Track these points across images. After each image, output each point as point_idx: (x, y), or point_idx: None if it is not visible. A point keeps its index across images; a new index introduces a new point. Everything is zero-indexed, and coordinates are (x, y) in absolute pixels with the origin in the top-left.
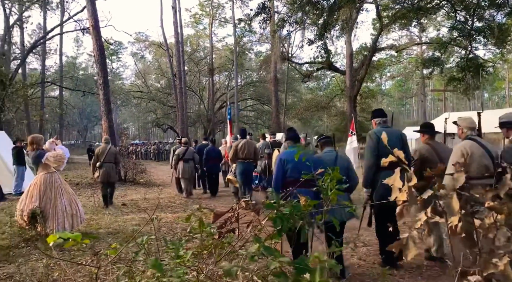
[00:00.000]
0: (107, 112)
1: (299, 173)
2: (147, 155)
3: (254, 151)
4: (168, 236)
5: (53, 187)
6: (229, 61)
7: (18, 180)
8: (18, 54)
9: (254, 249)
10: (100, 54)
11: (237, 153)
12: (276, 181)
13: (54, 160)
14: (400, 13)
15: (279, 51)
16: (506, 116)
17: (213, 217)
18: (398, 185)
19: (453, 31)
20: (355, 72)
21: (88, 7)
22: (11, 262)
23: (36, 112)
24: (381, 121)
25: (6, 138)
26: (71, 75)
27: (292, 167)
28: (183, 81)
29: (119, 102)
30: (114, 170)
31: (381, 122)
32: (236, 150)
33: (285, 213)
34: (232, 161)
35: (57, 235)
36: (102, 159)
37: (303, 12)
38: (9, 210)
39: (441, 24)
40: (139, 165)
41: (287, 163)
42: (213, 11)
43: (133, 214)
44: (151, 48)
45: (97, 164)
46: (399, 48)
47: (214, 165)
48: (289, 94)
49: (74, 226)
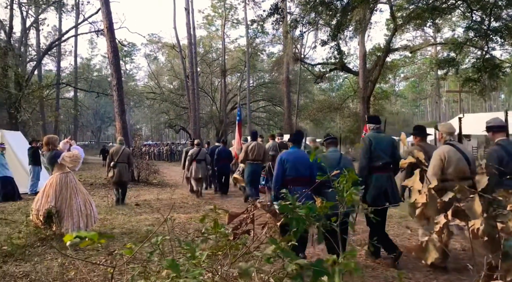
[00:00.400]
0: (121, 113)
1: (296, 171)
2: (160, 156)
3: (264, 152)
4: (181, 236)
5: (68, 186)
6: (242, 63)
7: (33, 179)
8: (34, 56)
9: (270, 251)
10: (114, 55)
11: (247, 154)
12: (276, 178)
13: (70, 160)
14: (414, 13)
15: (292, 52)
16: (493, 120)
17: (228, 218)
18: (417, 187)
19: (469, 31)
20: (368, 73)
21: (103, 9)
22: (27, 260)
23: (51, 113)
24: (374, 127)
25: (22, 139)
26: (86, 76)
27: (290, 166)
28: (196, 83)
29: (133, 104)
30: (127, 170)
31: (374, 128)
32: (247, 151)
33: (301, 215)
34: (242, 161)
35: (74, 234)
36: (116, 159)
37: (316, 13)
38: (25, 209)
39: (457, 24)
40: (152, 165)
41: (286, 162)
42: (225, 13)
43: (146, 214)
44: (164, 50)
45: (111, 163)
46: (413, 48)
47: (225, 165)
48: (302, 95)
49: (88, 225)
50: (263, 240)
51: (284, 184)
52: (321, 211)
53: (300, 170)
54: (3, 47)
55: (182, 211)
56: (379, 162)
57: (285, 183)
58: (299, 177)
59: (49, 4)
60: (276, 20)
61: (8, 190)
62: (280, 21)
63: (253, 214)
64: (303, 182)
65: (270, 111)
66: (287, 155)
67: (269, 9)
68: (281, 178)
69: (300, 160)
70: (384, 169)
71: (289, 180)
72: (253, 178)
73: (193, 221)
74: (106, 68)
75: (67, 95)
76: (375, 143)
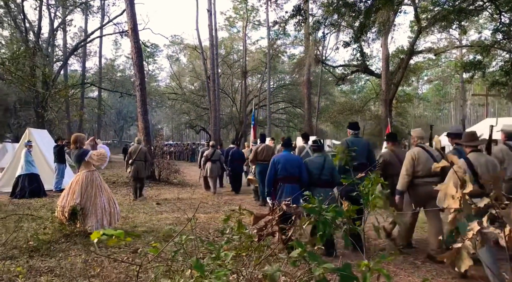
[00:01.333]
0: (143, 113)
1: (286, 171)
2: (181, 156)
3: (272, 153)
4: (202, 236)
5: (94, 184)
6: (262, 64)
7: (58, 177)
8: (61, 56)
9: (296, 254)
10: (138, 56)
11: (257, 155)
12: (268, 176)
13: (97, 159)
14: (440, 15)
15: (313, 54)
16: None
17: (253, 219)
18: (451, 192)
19: (497, 34)
20: (391, 75)
21: (128, 10)
22: (52, 256)
23: (76, 112)
24: (353, 133)
25: (48, 137)
26: (110, 76)
27: (281, 167)
28: (217, 84)
29: (154, 104)
30: (144, 166)
31: (353, 133)
32: (256, 152)
33: (327, 218)
34: (252, 162)
35: (101, 232)
36: (134, 157)
37: (338, 15)
38: (50, 205)
39: (484, 27)
40: (173, 165)
41: (278, 163)
42: (247, 14)
43: (167, 213)
44: (186, 51)
45: (129, 161)
46: (437, 51)
47: (238, 165)
48: (322, 97)
49: (112, 223)
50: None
51: (276, 181)
52: (348, 214)
53: (290, 170)
54: (32, 48)
55: (202, 211)
56: (355, 162)
57: (277, 181)
58: (288, 176)
59: (76, 6)
60: (298, 22)
61: (34, 186)
62: (302, 22)
63: (278, 216)
64: (292, 180)
65: (290, 113)
66: (279, 158)
67: (292, 11)
68: (273, 177)
69: (289, 162)
70: (360, 169)
71: (281, 178)
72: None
73: (213, 221)
74: (130, 69)
75: (91, 95)
76: (352, 145)
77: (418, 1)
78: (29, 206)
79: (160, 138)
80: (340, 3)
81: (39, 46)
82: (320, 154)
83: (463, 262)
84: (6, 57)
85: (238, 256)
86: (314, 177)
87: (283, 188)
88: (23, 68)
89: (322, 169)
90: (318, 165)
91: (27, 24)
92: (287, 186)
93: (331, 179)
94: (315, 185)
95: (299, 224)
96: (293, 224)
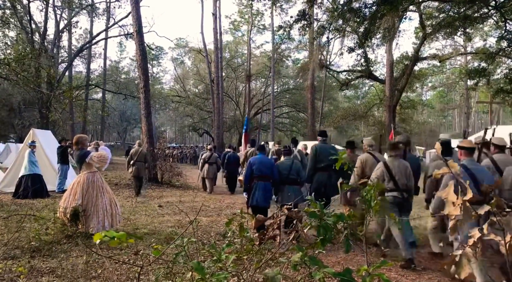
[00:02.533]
0: (147, 115)
1: (260, 171)
2: (183, 159)
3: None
4: (203, 239)
5: (95, 186)
6: (266, 68)
7: (61, 178)
8: (66, 58)
9: (297, 258)
10: (143, 59)
11: (247, 158)
12: (245, 175)
13: (98, 160)
14: (445, 22)
15: (318, 59)
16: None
17: (255, 223)
18: (452, 199)
19: (502, 41)
20: (395, 81)
21: (133, 13)
22: (54, 257)
23: (80, 114)
24: (321, 139)
25: (52, 138)
26: (114, 78)
27: (256, 167)
28: (221, 87)
29: (158, 106)
30: (144, 167)
31: (322, 140)
32: (246, 155)
33: (329, 223)
34: (243, 164)
35: (103, 233)
36: (135, 158)
37: (343, 20)
38: (52, 206)
39: (489, 34)
40: (176, 168)
41: (254, 164)
42: (252, 18)
43: (169, 215)
44: (190, 54)
45: (130, 162)
46: (442, 58)
47: (233, 168)
48: (326, 102)
49: (113, 225)
50: (289, 246)
51: (252, 179)
52: (349, 219)
53: (263, 170)
54: (37, 49)
55: (204, 214)
56: (322, 164)
57: (252, 179)
58: (262, 175)
59: (82, 8)
60: (303, 26)
61: (37, 187)
62: (307, 27)
63: (279, 220)
64: (265, 179)
65: (293, 118)
66: (254, 160)
67: (296, 15)
68: (249, 176)
69: (263, 163)
70: (325, 169)
71: (256, 177)
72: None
73: (215, 224)
74: (134, 71)
75: (96, 96)
76: (319, 151)
77: (423, 8)
78: (32, 206)
79: (163, 141)
80: (345, 9)
81: (44, 47)
82: (289, 157)
83: (463, 269)
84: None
85: (239, 259)
86: (284, 176)
87: (257, 185)
88: (28, 69)
89: (290, 169)
90: (287, 166)
91: (33, 25)
92: (260, 183)
93: (298, 178)
94: (285, 183)
95: (301, 227)
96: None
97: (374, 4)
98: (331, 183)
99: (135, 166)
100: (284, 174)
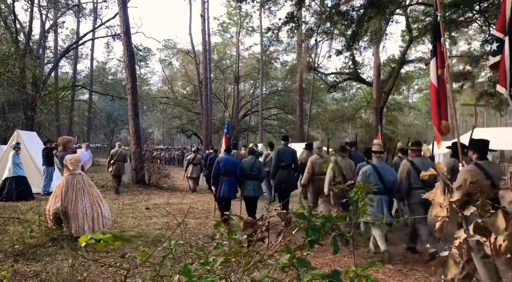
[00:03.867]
0: (134, 117)
1: (226, 168)
2: (171, 160)
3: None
4: (192, 242)
5: (75, 188)
6: (255, 70)
7: (46, 180)
8: (52, 58)
9: (285, 260)
10: (130, 60)
11: None
12: (213, 172)
13: (70, 163)
14: (430, 25)
15: (306, 61)
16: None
17: (243, 224)
18: (439, 200)
19: (486, 45)
20: (382, 84)
21: (120, 13)
22: (38, 260)
23: (66, 115)
24: (284, 144)
25: (37, 139)
26: (101, 79)
27: (222, 165)
28: (209, 89)
29: (146, 108)
30: (123, 166)
31: (284, 144)
32: None
33: (317, 224)
34: None
35: (90, 236)
36: (115, 158)
37: (331, 23)
38: (37, 209)
39: (473, 38)
40: (163, 169)
41: (220, 163)
42: (240, 20)
43: (156, 218)
44: (178, 55)
45: (111, 161)
46: (428, 61)
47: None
48: (314, 104)
49: (94, 229)
50: (277, 249)
51: (219, 175)
52: (338, 220)
53: (228, 168)
54: (22, 49)
55: (192, 216)
56: (283, 163)
57: (219, 175)
58: (227, 172)
59: (68, 8)
60: (291, 29)
61: (22, 189)
62: (295, 29)
63: (268, 222)
64: (230, 175)
65: (282, 119)
66: (221, 159)
67: (285, 18)
68: (217, 172)
69: (228, 162)
70: (286, 168)
71: (222, 173)
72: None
73: (203, 226)
74: (121, 72)
75: (82, 97)
76: (281, 153)
77: (410, 11)
78: (16, 209)
79: (150, 142)
80: (333, 12)
81: (29, 48)
82: (252, 156)
83: (450, 270)
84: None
85: (227, 262)
86: (247, 173)
87: (223, 180)
88: (13, 69)
89: (252, 167)
90: (250, 164)
91: (17, 25)
92: (226, 179)
93: (259, 174)
94: (248, 178)
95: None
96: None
97: (361, 7)
98: (290, 179)
99: (115, 165)
100: (247, 171)
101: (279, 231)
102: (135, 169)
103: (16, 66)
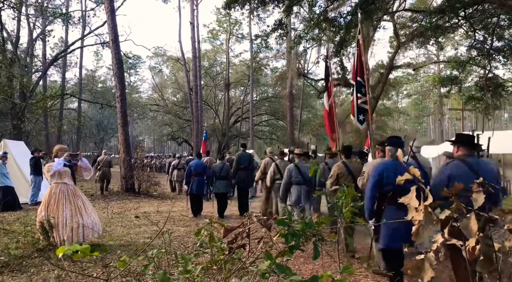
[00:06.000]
0: (123, 125)
1: (196, 170)
2: (162, 168)
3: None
4: (179, 250)
5: (57, 197)
6: (245, 77)
7: (34, 189)
8: (40, 67)
9: (265, 266)
10: (119, 67)
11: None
12: (186, 173)
13: (46, 171)
14: (417, 31)
15: (295, 67)
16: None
17: (224, 231)
18: (414, 204)
19: (472, 50)
20: (371, 89)
21: (109, 22)
22: (24, 272)
23: (55, 124)
24: (242, 149)
25: (24, 148)
26: (90, 88)
27: (193, 168)
28: (199, 96)
29: (136, 115)
30: (109, 170)
31: (243, 150)
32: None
33: (297, 230)
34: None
35: (66, 247)
36: (101, 164)
37: (319, 29)
38: (24, 219)
39: (459, 43)
40: (153, 177)
41: (192, 166)
42: (230, 27)
43: (146, 226)
44: (168, 63)
45: (98, 167)
46: (416, 66)
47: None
48: (304, 110)
49: (74, 239)
50: (259, 255)
51: (190, 176)
52: (319, 226)
53: (198, 169)
54: (10, 58)
55: (181, 224)
56: (242, 165)
57: (191, 176)
58: (197, 173)
59: (56, 17)
60: (280, 35)
61: (9, 199)
62: (284, 36)
63: (249, 228)
64: (200, 175)
65: (272, 125)
66: (192, 163)
67: (273, 25)
68: (189, 173)
69: (198, 165)
70: (245, 169)
71: (193, 174)
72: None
73: (192, 234)
74: (111, 80)
75: (71, 106)
76: (241, 157)
77: (397, 18)
78: (2, 219)
79: (140, 150)
80: (320, 18)
81: (17, 56)
82: (222, 161)
83: (426, 273)
84: None
85: (208, 269)
86: (217, 174)
87: (194, 180)
88: None
89: (222, 169)
90: (220, 167)
91: (4, 34)
92: (196, 178)
93: (227, 175)
94: (217, 178)
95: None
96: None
97: (349, 14)
98: (248, 178)
99: (101, 170)
100: (217, 172)
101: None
102: (124, 177)
103: (3, 75)
